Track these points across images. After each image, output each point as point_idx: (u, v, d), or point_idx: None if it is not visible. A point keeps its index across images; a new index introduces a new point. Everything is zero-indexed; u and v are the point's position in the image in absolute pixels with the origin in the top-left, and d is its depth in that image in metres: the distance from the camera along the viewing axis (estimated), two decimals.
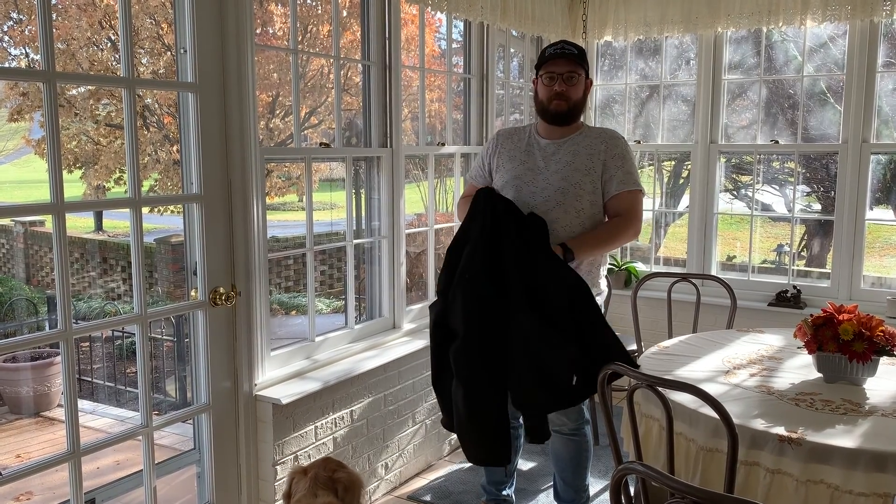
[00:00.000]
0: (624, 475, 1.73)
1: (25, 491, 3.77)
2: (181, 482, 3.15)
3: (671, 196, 8.12)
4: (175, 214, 8.04)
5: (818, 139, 5.27)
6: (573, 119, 2.90)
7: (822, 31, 5.09)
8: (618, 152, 2.87)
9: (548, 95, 2.85)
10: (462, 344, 2.64)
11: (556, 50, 2.83)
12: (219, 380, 2.86)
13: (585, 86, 2.90)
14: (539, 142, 2.92)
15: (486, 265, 2.63)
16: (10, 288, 7.08)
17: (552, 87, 2.83)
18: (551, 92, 2.83)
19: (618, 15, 4.64)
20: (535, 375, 2.57)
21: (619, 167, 2.85)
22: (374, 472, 3.51)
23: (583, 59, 2.86)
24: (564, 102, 2.83)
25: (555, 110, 2.85)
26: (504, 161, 2.95)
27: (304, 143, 7.70)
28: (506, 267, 2.63)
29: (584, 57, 2.88)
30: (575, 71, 2.82)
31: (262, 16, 7.64)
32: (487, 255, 2.64)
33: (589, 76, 2.91)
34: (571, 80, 2.82)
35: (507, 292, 2.61)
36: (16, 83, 7.70)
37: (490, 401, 2.63)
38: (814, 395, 2.47)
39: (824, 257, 7.75)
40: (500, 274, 2.63)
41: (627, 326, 4.28)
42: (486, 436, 2.66)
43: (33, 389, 5.51)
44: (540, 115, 2.93)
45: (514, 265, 2.62)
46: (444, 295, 2.75)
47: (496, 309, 2.61)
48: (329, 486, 2.23)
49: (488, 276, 2.63)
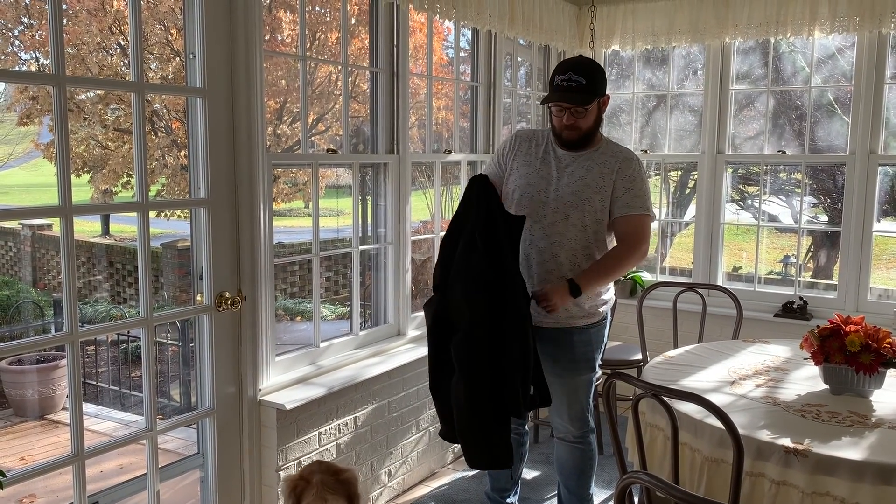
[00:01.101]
0: (629, 484, 1.72)
1: (29, 494, 3.78)
2: (184, 486, 3.15)
3: (677, 206, 8.11)
4: (182, 219, 8.07)
5: (825, 150, 5.26)
6: (587, 144, 2.86)
7: (830, 43, 5.09)
8: (630, 174, 2.83)
9: (559, 125, 2.82)
10: (464, 335, 2.61)
11: (563, 82, 2.72)
12: (223, 384, 2.86)
13: (601, 104, 2.82)
14: (556, 150, 2.90)
15: (486, 250, 2.63)
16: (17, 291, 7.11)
17: (562, 119, 2.79)
18: (562, 123, 2.80)
19: (625, 24, 4.64)
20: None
21: (629, 189, 2.82)
22: (377, 479, 3.50)
23: (593, 86, 2.73)
24: (575, 133, 2.80)
25: (567, 139, 2.84)
26: (519, 165, 2.93)
27: (312, 149, 7.72)
28: (502, 257, 2.66)
29: (596, 81, 2.75)
30: (582, 107, 2.74)
31: (271, 22, 7.68)
32: (486, 241, 2.65)
33: (605, 94, 2.82)
34: (579, 113, 2.76)
35: (504, 280, 2.64)
36: (26, 87, 7.75)
37: (491, 395, 2.61)
38: (820, 406, 2.45)
39: (831, 269, 7.73)
40: (499, 262, 2.64)
41: (633, 336, 4.27)
42: (488, 436, 2.64)
43: (38, 392, 5.52)
44: (555, 137, 2.90)
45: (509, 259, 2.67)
46: (442, 289, 2.73)
47: (498, 294, 2.61)
48: (338, 488, 2.19)
49: (489, 262, 2.63)
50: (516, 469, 3.19)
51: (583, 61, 2.80)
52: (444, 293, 2.72)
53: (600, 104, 2.82)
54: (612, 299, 3.06)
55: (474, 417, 2.63)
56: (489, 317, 2.60)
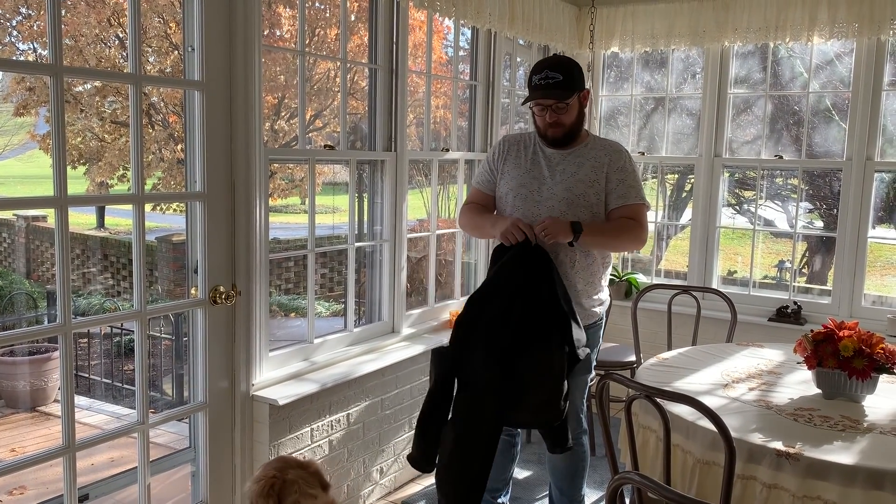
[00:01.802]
0: (620, 485, 1.72)
1: (19, 485, 3.76)
2: (175, 481, 3.14)
3: (674, 209, 8.12)
4: (177, 213, 8.06)
5: (822, 156, 5.27)
6: (573, 140, 2.86)
7: (828, 48, 5.10)
8: (621, 165, 2.84)
9: (542, 124, 2.82)
10: (475, 395, 2.62)
11: (541, 80, 2.72)
12: (216, 379, 2.86)
13: (581, 99, 2.81)
14: (545, 151, 2.90)
15: (518, 319, 2.63)
16: (11, 282, 7.08)
17: (545, 118, 2.79)
18: (545, 122, 2.80)
19: (625, 26, 4.64)
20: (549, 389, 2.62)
21: (622, 180, 2.83)
22: (368, 476, 3.50)
23: (571, 81, 2.73)
24: (559, 129, 2.80)
25: (552, 137, 2.83)
26: (510, 168, 2.93)
27: (309, 145, 7.71)
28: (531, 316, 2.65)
29: (573, 75, 2.74)
30: (563, 101, 2.74)
31: (270, 18, 7.66)
32: (522, 309, 2.64)
33: (584, 88, 2.82)
34: (561, 109, 2.75)
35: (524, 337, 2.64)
36: (22, 78, 7.72)
37: (482, 455, 2.63)
38: (812, 410, 2.46)
39: (825, 274, 7.75)
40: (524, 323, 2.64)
41: (627, 337, 4.27)
42: (465, 484, 2.64)
43: (30, 384, 5.51)
44: (541, 138, 2.90)
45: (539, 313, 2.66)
46: (462, 346, 2.69)
47: (513, 359, 2.62)
48: (313, 481, 2.10)
49: (512, 331, 2.63)
50: (508, 469, 3.19)
51: (558, 58, 2.81)
52: (464, 350, 2.69)
53: (581, 99, 2.81)
54: (607, 300, 3.06)
55: (460, 462, 2.64)
56: (501, 382, 2.61)
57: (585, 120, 2.92)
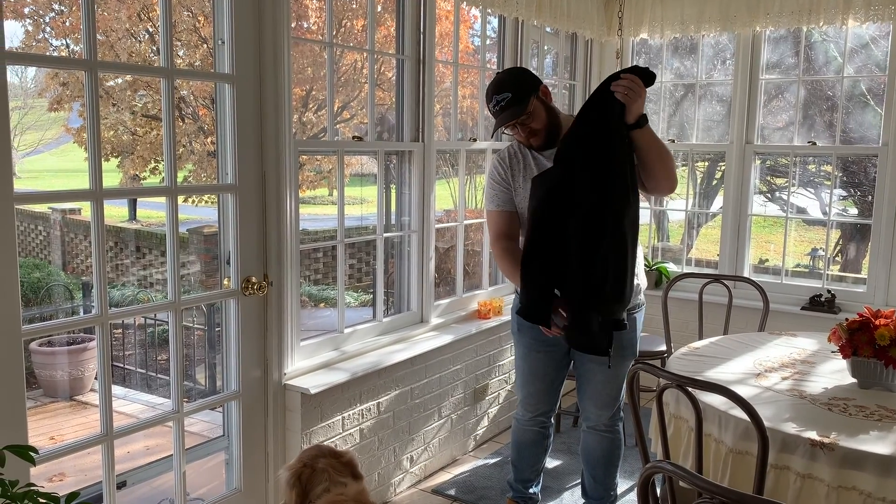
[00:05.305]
0: (652, 474, 1.72)
1: (59, 472, 3.85)
2: (209, 468, 3.20)
3: (704, 197, 8.03)
4: (209, 206, 8.15)
5: (857, 141, 5.16)
6: (557, 137, 2.77)
7: (863, 32, 4.99)
8: None
9: (522, 140, 2.81)
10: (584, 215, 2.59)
11: (495, 108, 2.70)
12: (249, 368, 2.89)
13: (541, 98, 2.74)
14: (542, 155, 2.83)
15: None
16: (48, 273, 7.22)
17: (519, 135, 2.78)
18: (522, 138, 2.79)
19: (654, 13, 4.59)
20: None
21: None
22: (398, 465, 3.53)
23: (520, 92, 2.67)
24: (538, 137, 2.76)
25: (536, 146, 2.80)
26: (521, 182, 2.85)
27: (337, 137, 7.75)
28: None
29: (520, 85, 2.69)
30: (523, 114, 2.69)
31: (298, 10, 7.69)
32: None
33: (538, 87, 2.73)
34: (526, 121, 2.72)
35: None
36: (56, 73, 7.84)
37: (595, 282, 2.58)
38: (847, 400, 2.43)
39: (860, 262, 7.61)
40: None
41: (658, 327, 4.24)
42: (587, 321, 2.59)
43: (68, 373, 5.62)
44: (528, 150, 2.87)
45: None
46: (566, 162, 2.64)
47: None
48: (344, 470, 2.13)
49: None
50: (540, 460, 3.18)
51: (499, 78, 2.77)
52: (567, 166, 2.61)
53: (540, 98, 2.74)
54: (644, 285, 2.98)
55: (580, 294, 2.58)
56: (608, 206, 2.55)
57: (559, 111, 2.83)
